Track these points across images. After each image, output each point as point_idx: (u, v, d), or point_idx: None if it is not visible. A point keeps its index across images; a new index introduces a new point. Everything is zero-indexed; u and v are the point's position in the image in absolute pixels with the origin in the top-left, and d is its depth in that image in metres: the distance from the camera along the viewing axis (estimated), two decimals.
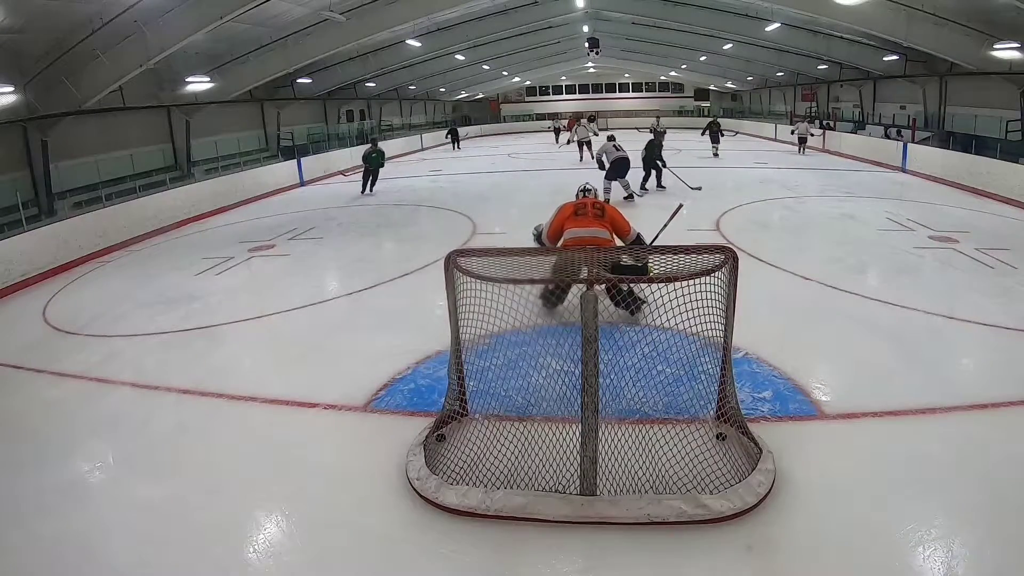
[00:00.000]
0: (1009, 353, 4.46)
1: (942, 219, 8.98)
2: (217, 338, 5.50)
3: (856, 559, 2.58)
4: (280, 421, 3.98)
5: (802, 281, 6.19)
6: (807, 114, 23.63)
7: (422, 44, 18.23)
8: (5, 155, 10.33)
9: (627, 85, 36.90)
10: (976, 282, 6.06)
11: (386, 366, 4.56)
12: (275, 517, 3.04)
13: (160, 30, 9.97)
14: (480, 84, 31.33)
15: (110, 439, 3.89)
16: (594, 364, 2.85)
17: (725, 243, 7.39)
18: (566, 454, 3.04)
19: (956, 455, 3.26)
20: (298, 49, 14.35)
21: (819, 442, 3.44)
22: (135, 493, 3.28)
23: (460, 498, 2.95)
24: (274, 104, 18.08)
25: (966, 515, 2.81)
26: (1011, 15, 11.21)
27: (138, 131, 13.49)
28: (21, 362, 5.23)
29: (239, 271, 7.81)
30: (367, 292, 6.58)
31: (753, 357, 4.34)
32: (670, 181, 11.99)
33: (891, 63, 16.80)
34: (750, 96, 31.97)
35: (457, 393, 3.56)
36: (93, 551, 2.86)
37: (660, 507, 2.82)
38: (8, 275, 7.71)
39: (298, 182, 16.19)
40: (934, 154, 13.31)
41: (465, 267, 3.17)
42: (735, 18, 17.63)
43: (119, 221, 10.07)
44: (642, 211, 9.62)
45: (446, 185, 14.74)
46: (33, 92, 9.96)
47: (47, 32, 9.49)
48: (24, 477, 3.49)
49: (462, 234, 9.12)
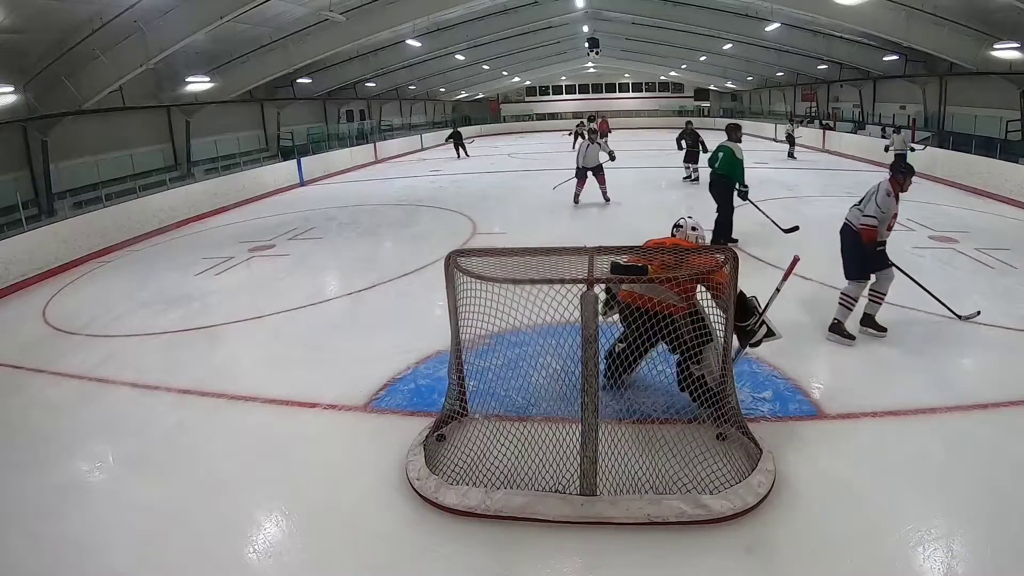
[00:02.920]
0: (1009, 353, 4.46)
1: (942, 219, 8.97)
2: (217, 338, 5.50)
3: (856, 559, 2.58)
4: (280, 421, 3.98)
5: (802, 281, 6.19)
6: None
7: (422, 44, 18.23)
8: (5, 155, 10.33)
9: (627, 85, 36.91)
10: (976, 282, 6.06)
11: (386, 366, 4.56)
12: (275, 517, 3.04)
13: (160, 30, 9.96)
14: (480, 84, 31.33)
15: (110, 439, 3.89)
16: (594, 364, 2.84)
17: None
18: (566, 454, 3.04)
19: (956, 455, 3.26)
20: (298, 49, 14.35)
21: (819, 442, 3.43)
22: (135, 493, 3.29)
23: (460, 498, 2.95)
24: (274, 104, 18.08)
25: (966, 515, 2.81)
26: (1011, 15, 11.21)
27: (138, 131, 13.49)
28: (21, 362, 5.23)
29: (239, 271, 7.81)
30: (367, 292, 6.58)
31: (753, 357, 4.33)
32: (750, 220, 8.13)
33: (891, 63, 16.81)
34: (750, 96, 31.98)
35: (457, 393, 3.57)
36: (93, 551, 2.86)
37: (660, 507, 2.82)
38: (8, 275, 7.72)
39: (298, 182, 16.20)
40: (934, 154, 13.31)
41: (465, 267, 3.17)
42: (735, 18, 17.63)
43: (119, 221, 10.08)
44: None
45: (446, 185, 14.73)
46: (33, 92, 9.96)
47: (47, 32, 9.49)
48: (24, 477, 3.49)
49: (462, 234, 9.12)
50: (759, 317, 3.59)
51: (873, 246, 4.47)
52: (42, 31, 9.41)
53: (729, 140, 7.51)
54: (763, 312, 3.62)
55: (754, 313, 3.60)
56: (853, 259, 4.66)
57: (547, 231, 8.82)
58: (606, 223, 9.71)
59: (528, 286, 2.97)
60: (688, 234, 4.13)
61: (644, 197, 11.57)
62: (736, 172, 7.33)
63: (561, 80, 36.78)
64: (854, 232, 4.61)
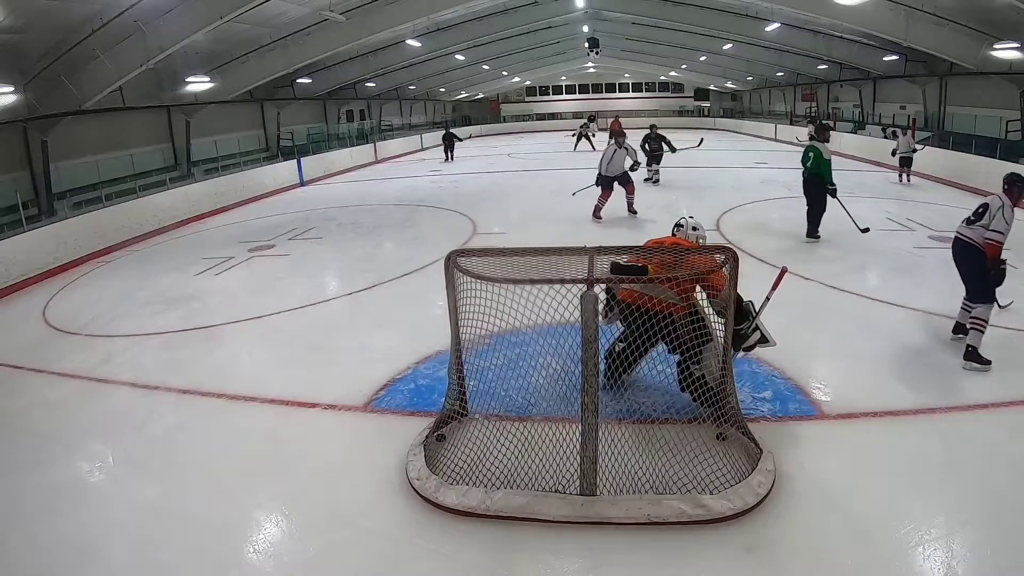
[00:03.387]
0: (1009, 353, 4.46)
1: (942, 219, 8.97)
2: (217, 338, 5.50)
3: (856, 559, 2.58)
4: (280, 421, 3.98)
5: (802, 281, 6.19)
6: (807, 114, 23.53)
7: (422, 44, 18.22)
8: (5, 155, 10.33)
9: (627, 85, 36.90)
10: None
11: (386, 366, 4.56)
12: (275, 517, 3.04)
13: (160, 30, 9.96)
14: (480, 84, 31.33)
15: (110, 439, 3.89)
16: (594, 364, 2.85)
17: (725, 243, 7.39)
18: (566, 454, 3.04)
19: (956, 455, 3.26)
20: (298, 49, 14.34)
21: (819, 442, 3.43)
22: (135, 493, 3.29)
23: (460, 498, 2.95)
24: (274, 104, 18.07)
25: (966, 515, 2.81)
26: (1011, 15, 11.21)
27: (138, 131, 13.49)
28: (21, 362, 5.23)
29: (239, 271, 7.81)
30: (367, 292, 6.58)
31: (753, 357, 4.33)
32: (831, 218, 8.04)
33: (891, 63, 16.80)
34: (750, 96, 31.98)
35: (457, 393, 3.57)
36: (93, 551, 2.86)
37: (660, 507, 2.82)
38: (8, 275, 7.72)
39: (298, 182, 16.19)
40: (934, 154, 13.30)
41: (465, 267, 3.17)
42: (735, 18, 17.63)
43: (119, 221, 10.08)
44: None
45: (446, 185, 14.73)
46: (33, 92, 9.95)
47: (47, 32, 9.49)
48: (24, 477, 3.49)
49: (462, 234, 9.12)
50: (752, 322, 3.59)
51: (997, 263, 4.32)
52: (42, 31, 9.41)
53: (817, 140, 7.71)
54: (756, 317, 3.62)
55: (748, 317, 3.59)
56: (975, 277, 4.39)
57: (547, 231, 8.82)
58: (606, 223, 9.69)
59: (528, 286, 2.97)
60: (688, 234, 4.11)
61: (644, 197, 11.54)
62: (825, 171, 7.46)
63: (561, 80, 36.77)
64: (976, 249, 4.34)
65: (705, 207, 10.13)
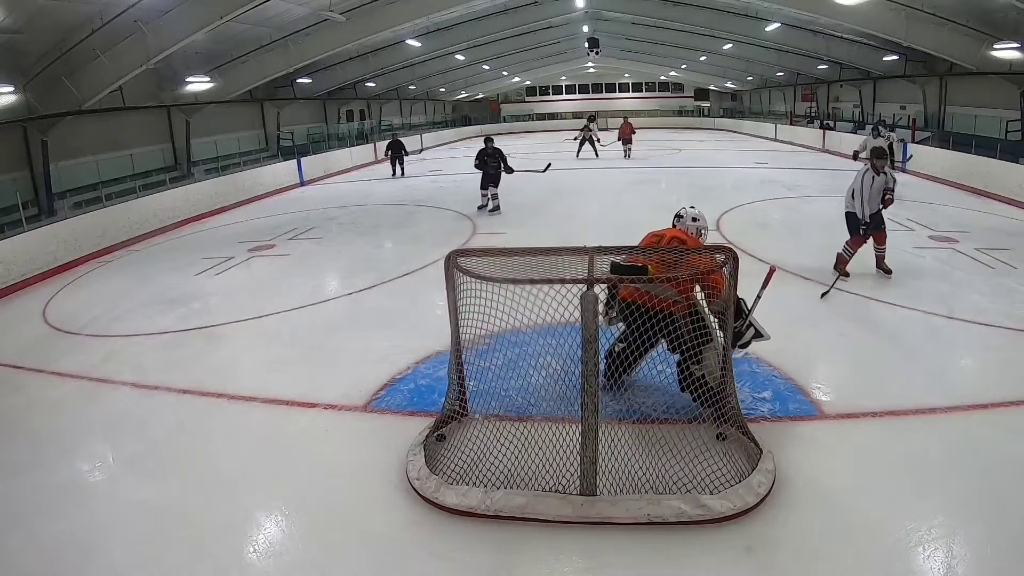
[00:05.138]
0: (1009, 353, 4.46)
1: (942, 219, 8.98)
2: (217, 338, 5.50)
3: (856, 559, 2.58)
4: (280, 421, 3.98)
5: (803, 281, 6.20)
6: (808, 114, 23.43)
7: (422, 44, 18.23)
8: (5, 155, 10.32)
9: (627, 85, 36.89)
10: (976, 282, 6.06)
11: (386, 366, 4.56)
12: (275, 517, 3.04)
13: (160, 30, 9.96)
14: (480, 84, 31.33)
15: (110, 439, 3.89)
16: (594, 364, 2.85)
17: (725, 243, 7.39)
18: (566, 454, 3.04)
19: (956, 455, 3.26)
20: (298, 49, 14.34)
21: (819, 442, 3.43)
22: (135, 493, 3.28)
23: (460, 498, 2.95)
24: (274, 104, 18.07)
25: (966, 515, 2.81)
26: (1011, 15, 11.22)
27: (138, 131, 13.48)
28: (21, 362, 5.23)
29: (239, 271, 7.81)
30: (367, 292, 6.58)
31: (753, 357, 4.33)
32: None
33: (891, 63, 16.81)
34: (750, 96, 31.98)
35: (457, 393, 3.57)
36: (93, 551, 2.86)
37: (660, 507, 2.82)
38: (8, 275, 7.71)
39: (298, 182, 16.19)
40: (934, 154, 13.31)
41: (465, 267, 3.17)
42: (735, 18, 17.64)
43: (119, 221, 10.07)
44: None
45: (446, 185, 14.73)
46: (33, 92, 9.95)
47: (47, 32, 9.48)
48: (24, 477, 3.49)
49: (462, 234, 9.12)
50: (746, 319, 3.60)
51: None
52: (42, 31, 9.40)
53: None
54: (749, 314, 3.62)
55: (742, 315, 3.60)
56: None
57: (547, 231, 8.82)
58: (606, 222, 9.71)
59: (528, 286, 2.97)
60: (688, 224, 4.09)
61: (644, 197, 11.57)
62: None
63: (561, 80, 36.76)
64: None
65: (705, 207, 10.01)
